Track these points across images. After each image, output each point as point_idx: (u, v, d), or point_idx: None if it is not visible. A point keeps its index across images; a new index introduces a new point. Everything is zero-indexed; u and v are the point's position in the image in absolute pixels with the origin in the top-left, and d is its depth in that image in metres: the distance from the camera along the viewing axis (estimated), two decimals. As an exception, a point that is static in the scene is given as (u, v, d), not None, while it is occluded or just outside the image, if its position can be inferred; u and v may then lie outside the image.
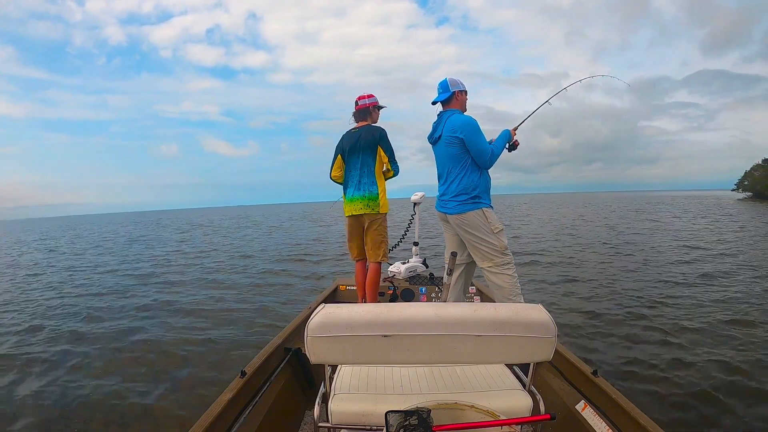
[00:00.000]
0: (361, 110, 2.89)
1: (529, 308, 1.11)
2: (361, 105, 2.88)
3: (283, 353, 2.22)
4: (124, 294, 6.90)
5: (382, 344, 1.06)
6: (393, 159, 2.85)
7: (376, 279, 2.94)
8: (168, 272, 9.10)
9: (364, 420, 1.20)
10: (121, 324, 5.04)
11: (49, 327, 5.03)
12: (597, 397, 1.73)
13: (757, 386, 2.92)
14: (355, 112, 2.92)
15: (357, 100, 2.91)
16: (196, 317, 5.21)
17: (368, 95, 2.88)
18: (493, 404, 1.18)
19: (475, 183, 2.42)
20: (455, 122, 2.39)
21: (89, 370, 3.65)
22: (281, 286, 7.10)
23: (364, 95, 2.89)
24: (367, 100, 2.87)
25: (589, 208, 32.08)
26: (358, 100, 2.90)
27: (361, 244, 2.97)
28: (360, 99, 2.89)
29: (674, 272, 7.02)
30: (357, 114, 2.92)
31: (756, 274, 6.67)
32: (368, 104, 2.87)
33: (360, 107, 2.89)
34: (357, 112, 2.91)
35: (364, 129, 2.84)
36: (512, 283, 2.40)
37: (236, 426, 1.57)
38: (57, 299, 6.73)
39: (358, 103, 2.90)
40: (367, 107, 2.88)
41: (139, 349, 4.14)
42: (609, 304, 5.10)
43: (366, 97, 2.87)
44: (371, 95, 2.88)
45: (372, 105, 2.88)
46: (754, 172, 54.62)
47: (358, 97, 2.91)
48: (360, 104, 2.89)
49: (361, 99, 2.88)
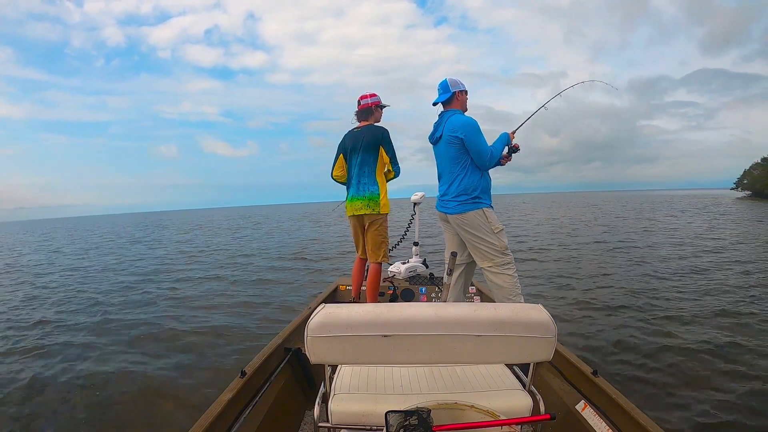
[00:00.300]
0: (363, 110, 2.88)
1: (529, 308, 1.11)
2: (363, 104, 2.87)
3: (283, 353, 2.22)
4: (124, 293, 6.90)
5: (382, 344, 1.06)
6: (395, 160, 2.84)
7: (376, 279, 2.94)
8: (167, 272, 9.10)
9: (364, 420, 1.20)
10: (119, 324, 5.04)
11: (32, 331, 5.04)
12: (597, 397, 1.73)
13: (758, 387, 2.92)
14: (358, 112, 2.90)
15: (359, 99, 2.90)
16: (195, 317, 5.21)
17: (371, 95, 2.86)
18: (493, 404, 1.18)
19: (476, 183, 2.42)
20: (456, 122, 2.40)
21: (87, 371, 3.64)
22: (281, 286, 7.10)
23: (366, 95, 2.87)
24: (369, 99, 2.86)
25: (588, 208, 32.06)
26: (361, 100, 2.88)
27: (364, 242, 2.97)
28: (362, 98, 2.88)
29: (673, 272, 7.01)
30: (360, 113, 2.90)
31: (757, 276, 6.67)
32: (371, 104, 2.86)
33: (363, 107, 2.87)
34: (360, 112, 2.90)
35: (366, 129, 2.83)
36: (512, 283, 2.40)
37: (236, 426, 1.57)
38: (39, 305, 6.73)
39: (360, 103, 2.89)
40: (370, 107, 2.86)
41: (139, 348, 4.14)
42: (609, 304, 5.09)
43: (368, 97, 2.86)
44: (374, 94, 2.87)
45: (375, 104, 2.87)
46: (753, 170, 54.67)
47: (361, 97, 2.90)
48: (363, 104, 2.87)
49: (364, 98, 2.87)
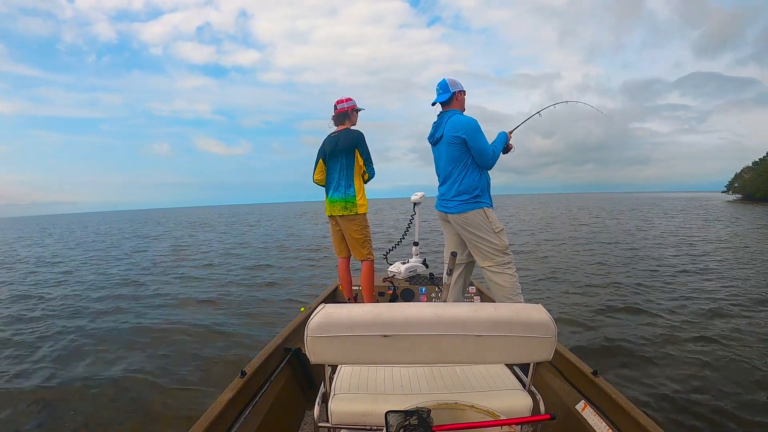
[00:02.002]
0: (340, 114, 2.96)
1: (529, 308, 1.11)
2: (340, 109, 2.95)
3: (283, 353, 2.22)
4: (122, 292, 6.91)
5: (382, 344, 1.06)
6: (368, 162, 2.91)
7: (369, 277, 3.00)
8: (163, 272, 9.10)
9: (364, 420, 1.20)
10: (116, 324, 5.05)
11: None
12: (597, 397, 1.73)
13: (758, 387, 2.93)
14: (335, 116, 2.98)
15: (336, 104, 2.98)
16: (194, 318, 5.21)
17: (347, 99, 2.96)
18: (493, 404, 1.18)
19: (476, 183, 2.44)
20: (457, 123, 2.40)
21: (85, 371, 3.65)
22: (281, 286, 7.11)
23: (342, 99, 2.96)
24: (345, 104, 2.94)
25: (588, 210, 32.09)
26: (337, 104, 2.97)
27: (342, 242, 3.07)
28: (339, 103, 2.96)
29: (673, 273, 7.03)
30: (336, 117, 2.98)
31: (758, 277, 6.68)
32: (347, 108, 2.94)
33: (339, 111, 2.95)
34: (336, 116, 2.98)
35: (342, 133, 2.92)
36: (513, 282, 2.41)
37: (236, 426, 1.57)
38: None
39: (337, 107, 2.97)
40: (346, 111, 2.95)
41: (138, 349, 4.14)
42: (609, 305, 5.09)
43: (345, 101, 2.95)
44: (350, 99, 2.96)
45: (351, 108, 2.95)
46: (744, 174, 54.97)
47: (337, 101, 2.98)
48: (339, 108, 2.95)
49: (340, 103, 2.95)
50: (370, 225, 3.01)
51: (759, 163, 53.07)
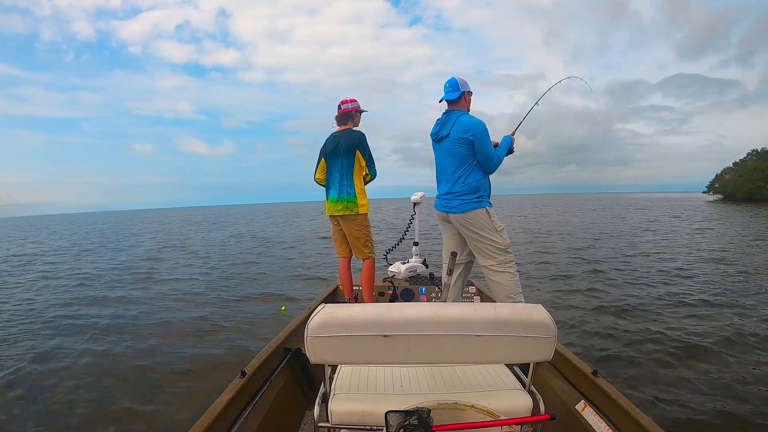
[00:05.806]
0: (343, 114, 2.98)
1: (529, 308, 1.11)
2: (344, 109, 2.98)
3: (283, 353, 2.22)
4: (120, 293, 6.91)
5: (382, 344, 1.06)
6: (371, 163, 2.95)
7: (369, 276, 3.02)
8: (159, 273, 9.09)
9: (364, 420, 1.20)
10: (114, 324, 5.05)
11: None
12: (597, 397, 1.73)
13: (758, 387, 2.92)
14: (338, 116, 3.01)
15: (340, 104, 3.01)
16: (192, 318, 5.21)
17: (351, 100, 2.98)
18: (493, 404, 1.18)
19: (480, 183, 2.45)
20: (466, 123, 2.40)
21: (85, 371, 3.64)
22: (280, 286, 7.10)
23: (347, 100, 2.98)
24: (350, 104, 2.97)
25: (579, 211, 32.06)
26: (341, 105, 2.99)
27: (343, 242, 3.09)
28: (343, 103, 2.99)
29: (673, 273, 7.03)
30: (339, 118, 3.01)
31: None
32: (351, 108, 2.97)
33: (343, 111, 2.98)
34: (340, 116, 3.00)
35: (344, 133, 2.94)
36: (514, 281, 2.42)
37: (236, 426, 1.57)
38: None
39: (341, 107, 2.99)
40: (350, 111, 2.98)
41: (138, 348, 4.14)
42: (609, 305, 5.09)
43: (349, 102, 2.98)
44: (354, 100, 2.99)
45: (354, 109, 2.98)
46: (724, 174, 54.92)
47: (341, 102, 3.01)
48: (343, 108, 2.98)
49: (344, 103, 2.98)
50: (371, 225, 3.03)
51: (739, 164, 53.09)
